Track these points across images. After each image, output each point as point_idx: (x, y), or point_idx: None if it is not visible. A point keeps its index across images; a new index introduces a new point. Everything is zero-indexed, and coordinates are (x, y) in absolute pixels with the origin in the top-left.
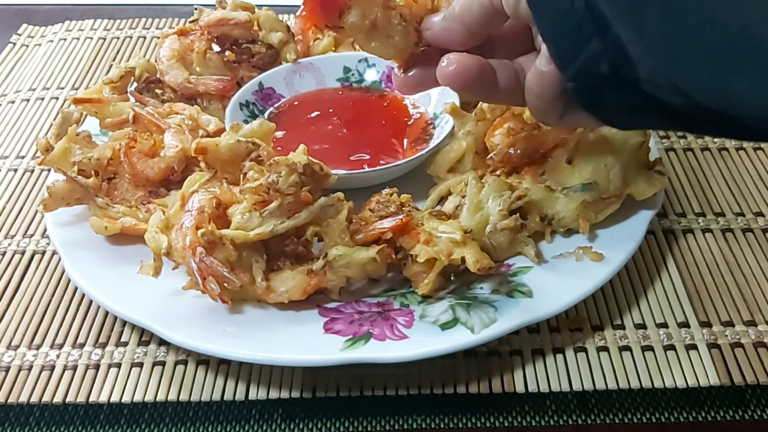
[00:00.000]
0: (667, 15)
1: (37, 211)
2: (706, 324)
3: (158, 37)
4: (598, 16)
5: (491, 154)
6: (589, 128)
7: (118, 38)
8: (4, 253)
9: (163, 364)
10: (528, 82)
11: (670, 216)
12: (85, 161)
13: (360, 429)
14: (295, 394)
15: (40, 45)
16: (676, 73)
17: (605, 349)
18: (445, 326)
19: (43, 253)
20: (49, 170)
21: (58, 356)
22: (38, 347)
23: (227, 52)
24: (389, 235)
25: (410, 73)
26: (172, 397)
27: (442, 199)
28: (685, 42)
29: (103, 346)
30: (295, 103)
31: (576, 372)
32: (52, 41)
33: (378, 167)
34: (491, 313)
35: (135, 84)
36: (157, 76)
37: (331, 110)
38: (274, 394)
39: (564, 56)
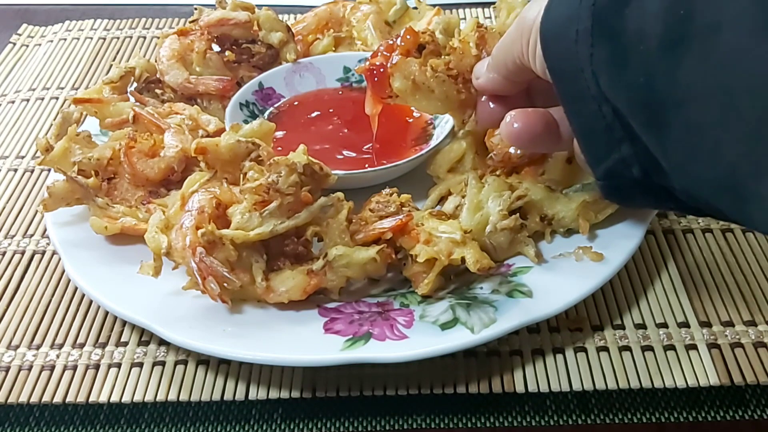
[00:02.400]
0: (687, 135)
1: (37, 211)
2: (706, 324)
3: (158, 37)
4: (626, 125)
5: (491, 154)
6: None
7: (118, 38)
8: (4, 253)
9: (163, 364)
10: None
11: (670, 216)
12: (85, 161)
13: (360, 429)
14: (295, 394)
15: (40, 45)
16: (702, 193)
17: (605, 349)
18: (445, 326)
19: (43, 253)
20: (49, 170)
21: (58, 356)
22: (38, 347)
23: (227, 52)
24: (389, 235)
25: (490, 106)
26: (172, 397)
27: (442, 199)
28: (704, 164)
29: (103, 346)
30: (295, 103)
31: (576, 372)
32: (52, 41)
33: (378, 167)
34: (491, 313)
35: (135, 84)
36: (157, 76)
37: (331, 110)
38: (274, 394)
39: (594, 154)
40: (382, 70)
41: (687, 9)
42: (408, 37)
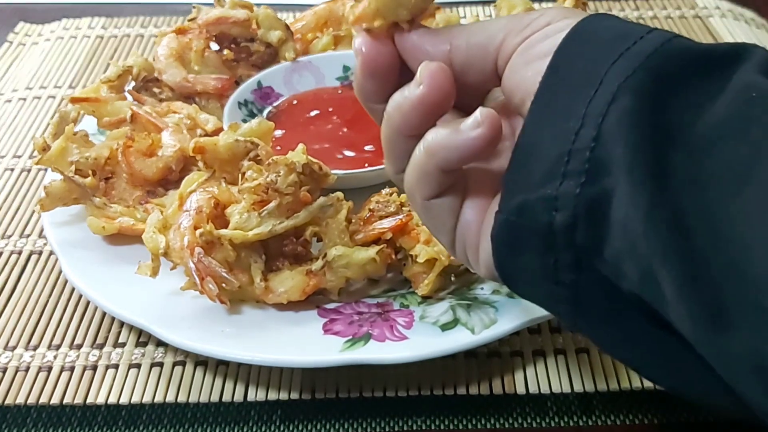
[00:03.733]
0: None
1: (33, 211)
2: None
3: (156, 36)
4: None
5: None
6: None
7: (115, 37)
8: (0, 254)
9: (161, 365)
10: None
11: None
12: (83, 161)
13: (360, 430)
14: (295, 396)
15: (37, 43)
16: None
17: None
18: (445, 327)
19: (40, 253)
20: (46, 170)
21: (55, 357)
22: (35, 348)
23: (225, 51)
24: (389, 235)
25: (374, 44)
26: (170, 398)
27: None
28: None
29: (101, 347)
30: (294, 102)
31: (577, 373)
32: (49, 39)
33: (378, 167)
34: (492, 314)
35: (133, 83)
36: (155, 74)
37: (330, 109)
38: (273, 396)
39: (525, 182)
40: None
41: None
42: None
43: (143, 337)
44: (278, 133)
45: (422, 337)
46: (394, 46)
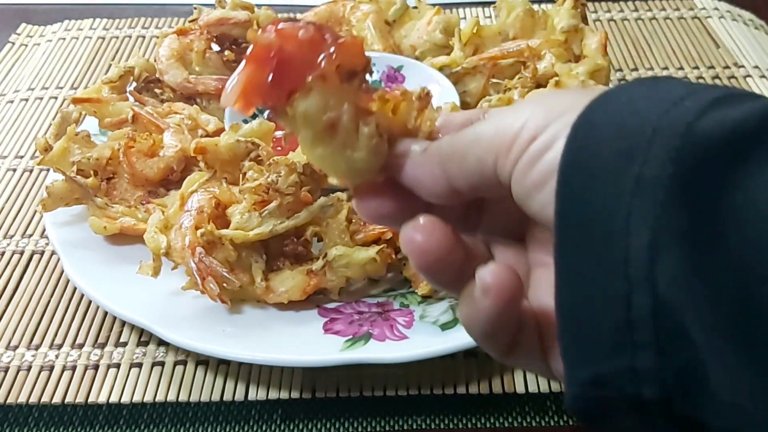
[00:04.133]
0: None
1: (35, 211)
2: None
3: (157, 37)
4: (666, 329)
5: None
6: None
7: (117, 38)
8: (2, 253)
9: (162, 364)
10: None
11: None
12: (84, 161)
13: (360, 429)
14: (295, 395)
15: (39, 44)
16: None
17: None
18: (445, 326)
19: (42, 253)
20: (47, 170)
21: (57, 356)
22: (37, 347)
23: (227, 52)
24: (389, 235)
25: (367, 203)
26: (171, 397)
27: None
28: None
29: (102, 346)
30: None
31: None
32: (51, 41)
33: None
34: None
35: (134, 83)
36: (157, 75)
37: None
38: (273, 395)
39: (583, 352)
40: (283, 63)
41: None
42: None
43: (144, 337)
44: (279, 133)
45: (422, 336)
46: (391, 189)
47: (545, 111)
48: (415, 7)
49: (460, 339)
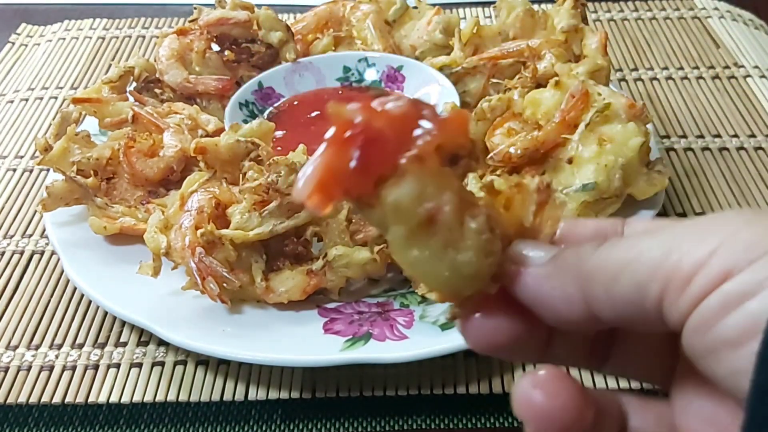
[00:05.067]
0: None
1: (36, 211)
2: None
3: (157, 37)
4: None
5: (491, 154)
6: (589, 128)
7: (117, 38)
8: (3, 253)
9: (162, 364)
10: None
11: (670, 216)
12: (84, 161)
13: (360, 429)
14: (295, 395)
15: (39, 44)
16: None
17: None
18: (445, 326)
19: (42, 253)
20: (48, 170)
21: (57, 356)
22: (37, 347)
23: (227, 52)
24: None
25: (478, 326)
26: (171, 397)
27: None
28: None
29: (102, 346)
30: (295, 102)
31: (576, 371)
32: (51, 41)
33: None
34: None
35: (134, 83)
36: (157, 75)
37: None
38: (273, 395)
39: None
40: (371, 143)
41: None
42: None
43: (144, 337)
44: (279, 133)
45: (422, 336)
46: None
47: (746, 242)
48: (415, 7)
49: (460, 339)
